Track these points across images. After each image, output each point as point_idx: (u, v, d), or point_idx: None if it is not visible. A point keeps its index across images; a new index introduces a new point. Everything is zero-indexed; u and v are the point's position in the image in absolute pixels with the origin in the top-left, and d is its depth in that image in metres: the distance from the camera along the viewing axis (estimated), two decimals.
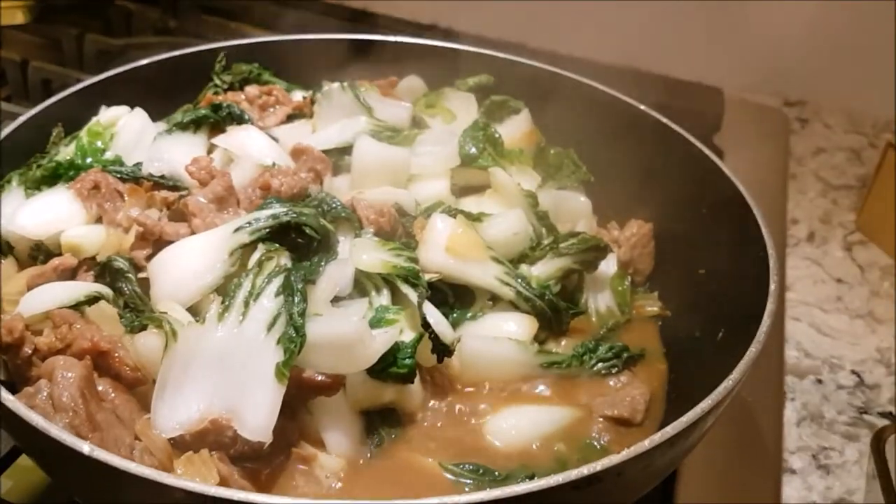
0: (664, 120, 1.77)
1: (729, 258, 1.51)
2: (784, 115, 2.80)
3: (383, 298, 1.38)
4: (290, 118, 1.77)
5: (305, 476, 1.23)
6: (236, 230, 1.33)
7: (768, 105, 2.79)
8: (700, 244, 1.61)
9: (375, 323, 1.33)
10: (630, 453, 0.99)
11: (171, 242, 1.38)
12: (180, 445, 1.18)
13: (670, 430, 1.03)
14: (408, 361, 1.28)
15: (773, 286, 1.28)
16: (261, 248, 1.32)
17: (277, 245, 1.32)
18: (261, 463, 1.21)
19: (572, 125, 1.89)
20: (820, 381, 1.92)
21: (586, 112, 1.88)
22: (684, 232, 1.67)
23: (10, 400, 1.01)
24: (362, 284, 1.39)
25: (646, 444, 1.01)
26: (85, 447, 0.94)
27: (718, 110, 2.52)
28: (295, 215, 1.34)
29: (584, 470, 0.96)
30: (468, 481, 1.26)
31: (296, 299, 1.23)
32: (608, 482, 0.98)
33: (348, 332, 1.21)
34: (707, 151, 1.66)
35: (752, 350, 1.17)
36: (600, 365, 1.46)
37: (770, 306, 1.24)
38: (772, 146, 2.61)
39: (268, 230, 1.33)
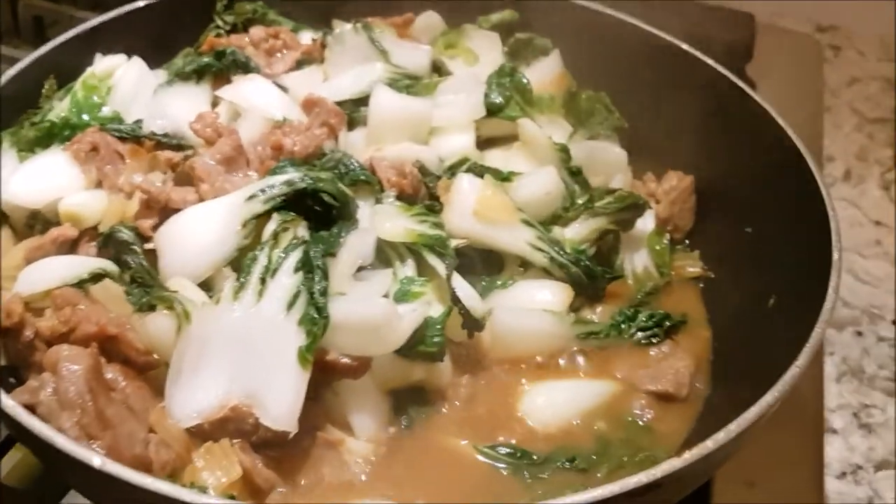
0: (706, 59, 1.63)
1: (780, 216, 1.40)
2: (817, 42, 2.63)
3: (408, 269, 1.28)
4: (299, 64, 1.63)
5: (332, 462, 1.16)
6: (249, 198, 1.23)
7: (800, 31, 2.62)
8: (746, 199, 1.49)
9: (401, 296, 1.24)
10: (693, 456, 0.91)
11: (177, 210, 1.28)
12: (199, 434, 1.10)
13: (735, 427, 0.95)
14: (437, 339, 1.19)
15: (835, 255, 1.17)
16: (276, 218, 1.21)
17: (293, 214, 1.22)
18: (285, 450, 1.13)
19: (602, 64, 1.75)
20: (860, 334, 1.83)
21: (616, 49, 1.74)
22: (728, 184, 1.55)
23: (11, 406, 0.93)
24: (385, 254, 1.29)
25: (709, 444, 0.93)
26: (95, 460, 0.86)
27: (750, 37, 2.36)
28: (311, 181, 1.23)
29: (643, 478, 0.88)
30: (504, 465, 1.18)
31: (316, 277, 1.14)
32: (667, 487, 0.90)
33: (375, 314, 1.12)
34: (755, 96, 1.53)
35: (817, 331, 1.07)
36: (640, 334, 1.36)
37: (833, 280, 1.13)
38: (805, 76, 2.46)
39: (283, 198, 1.22)
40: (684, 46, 1.65)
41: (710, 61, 1.60)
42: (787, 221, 1.37)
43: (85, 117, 1.45)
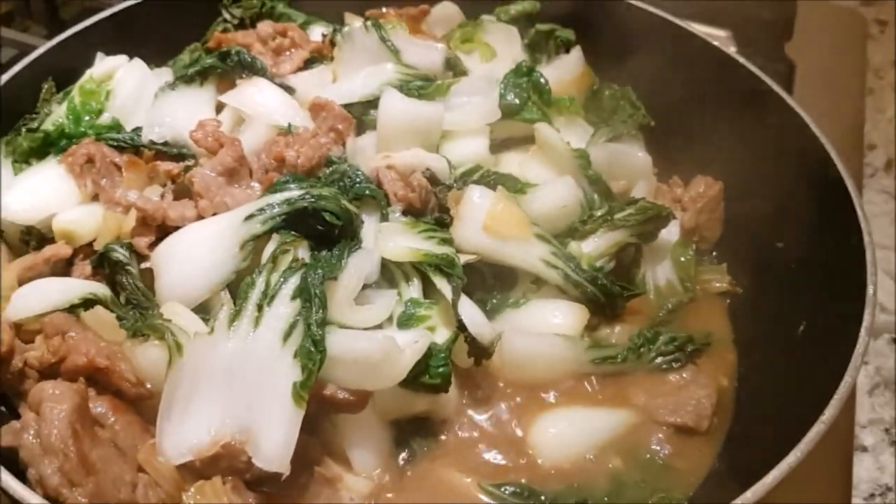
0: (740, 59, 1.52)
1: (814, 236, 1.30)
2: (861, 16, 2.48)
3: (413, 290, 1.22)
4: (307, 63, 1.56)
5: (330, 500, 1.11)
6: (247, 218, 1.17)
7: (844, 4, 2.47)
8: (779, 212, 1.39)
9: (405, 320, 1.18)
10: None
11: (176, 227, 1.23)
12: (190, 472, 1.06)
13: (751, 495, 0.88)
14: (441, 370, 1.13)
15: (870, 290, 1.08)
16: (275, 239, 1.16)
17: (294, 234, 1.16)
18: (280, 487, 1.09)
19: (627, 59, 1.65)
20: None
21: (643, 43, 1.64)
22: (760, 194, 1.45)
23: None
24: (390, 272, 1.23)
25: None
26: None
27: (790, 14, 2.23)
28: (313, 199, 1.17)
29: None
30: None
31: (314, 306, 1.08)
32: None
33: (374, 350, 1.07)
34: (793, 104, 1.42)
35: (847, 380, 0.98)
36: (660, 359, 1.29)
37: (867, 318, 1.04)
38: (848, 55, 2.33)
39: (283, 217, 1.17)
40: (716, 44, 1.54)
41: (744, 61, 1.50)
42: (822, 244, 1.27)
43: (82, 126, 1.40)
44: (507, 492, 1.13)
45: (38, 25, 2.36)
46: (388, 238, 1.23)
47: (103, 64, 1.49)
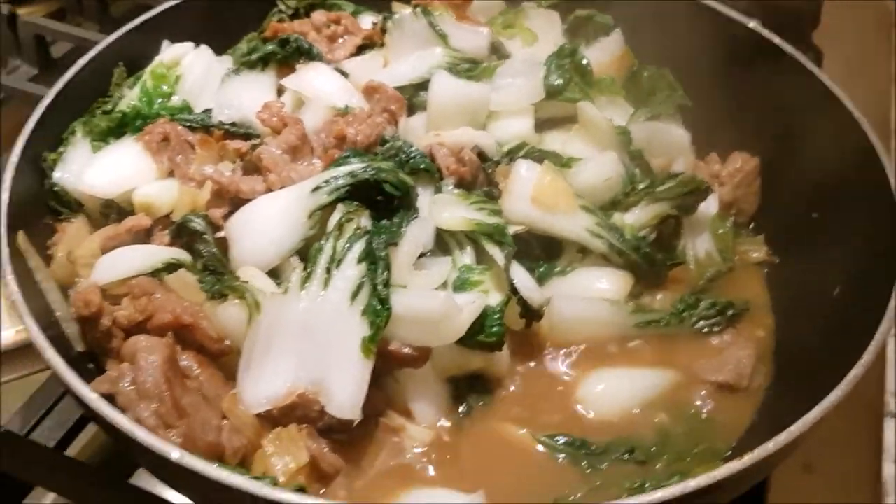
0: (773, 38, 1.58)
1: (848, 205, 1.36)
2: (888, 3, 2.51)
3: (466, 257, 1.30)
4: (360, 49, 1.65)
5: (394, 448, 1.20)
6: (314, 190, 1.25)
7: None
8: (814, 183, 1.45)
9: (459, 285, 1.26)
10: (753, 458, 0.91)
11: (247, 200, 1.32)
12: (268, 420, 1.15)
13: (796, 429, 0.95)
14: (496, 329, 1.21)
15: None
16: (340, 209, 1.24)
17: (357, 204, 1.24)
18: (349, 435, 1.17)
19: (664, 41, 1.71)
20: None
21: (679, 25, 1.69)
22: (795, 168, 1.51)
23: (94, 399, 0.98)
24: (445, 241, 1.31)
25: (770, 446, 0.93)
26: (174, 453, 0.91)
27: (817, 1, 2.27)
28: (374, 172, 1.25)
29: (704, 480, 0.89)
30: (562, 455, 1.20)
31: (379, 268, 1.16)
32: (727, 488, 0.91)
33: (435, 307, 1.15)
34: (825, 79, 1.48)
35: (881, 332, 1.05)
36: (702, 323, 1.36)
37: None
38: (875, 42, 2.37)
39: (347, 189, 1.25)
40: (751, 24, 1.60)
41: (777, 40, 1.55)
42: (855, 211, 1.33)
43: (155, 107, 1.49)
44: (559, 442, 1.21)
45: (91, 22, 2.47)
46: (442, 208, 1.31)
47: (171, 50, 1.59)
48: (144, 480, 1.29)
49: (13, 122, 1.91)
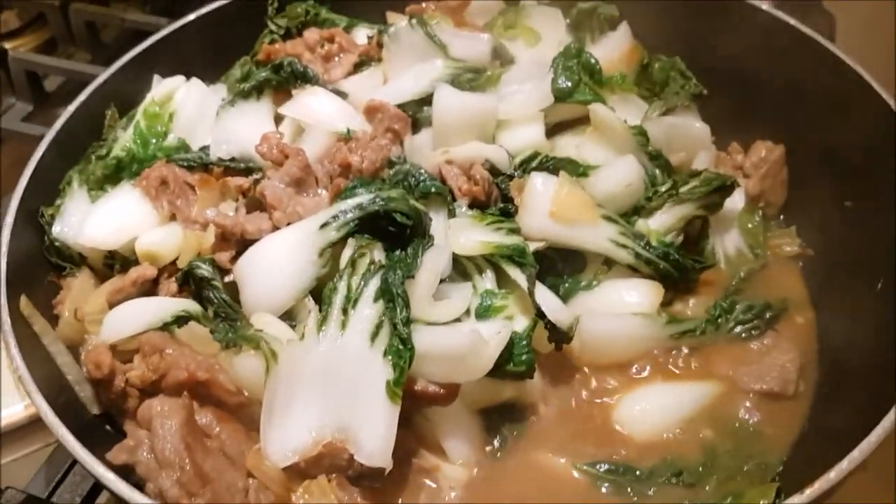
0: (788, 20, 1.50)
1: (882, 191, 1.29)
2: None
3: (487, 282, 1.24)
4: (357, 66, 1.58)
5: (429, 491, 1.15)
6: (323, 226, 1.20)
7: None
8: (843, 170, 1.38)
9: (483, 312, 1.20)
10: (816, 491, 0.85)
11: (254, 240, 1.26)
12: (296, 472, 1.10)
13: (858, 454, 0.88)
14: (525, 357, 1.15)
15: None
16: (351, 244, 1.18)
17: (368, 238, 1.18)
18: (382, 480, 1.12)
19: (674, 26, 1.64)
20: None
21: (689, 9, 1.63)
22: (822, 154, 1.44)
23: (112, 480, 0.93)
24: (462, 266, 1.25)
25: (831, 476, 0.87)
26: None
27: None
28: (383, 202, 1.19)
29: None
30: (606, 484, 1.15)
31: (398, 306, 1.11)
32: None
33: (461, 344, 1.09)
34: (843, 56, 1.40)
35: None
36: (739, 328, 1.29)
37: None
38: (887, 5, 2.28)
39: (356, 222, 1.19)
40: (764, 6, 1.52)
41: (793, 22, 1.48)
42: (890, 197, 1.26)
43: (150, 149, 1.44)
44: (601, 469, 1.15)
45: (82, 51, 2.42)
46: (458, 233, 1.25)
47: (162, 86, 1.53)
48: None
49: (11, 158, 1.88)
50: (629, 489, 1.13)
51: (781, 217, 1.51)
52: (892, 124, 1.31)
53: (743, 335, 1.29)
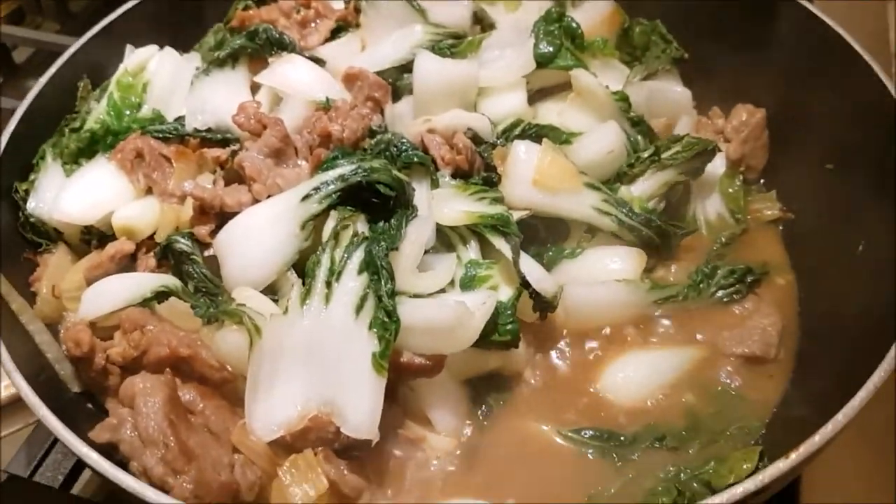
0: None
1: (864, 154, 1.29)
2: None
3: (471, 251, 1.23)
4: (334, 33, 1.55)
5: (416, 461, 1.15)
6: (304, 198, 1.18)
7: None
8: (825, 133, 1.38)
9: (467, 282, 1.20)
10: (800, 456, 0.86)
11: (234, 213, 1.24)
12: (282, 447, 1.09)
13: (842, 418, 0.89)
14: (510, 327, 1.15)
15: None
16: (334, 216, 1.17)
17: (351, 209, 1.17)
18: (369, 451, 1.12)
19: None
20: None
21: None
22: (803, 117, 1.44)
23: (95, 459, 0.92)
24: (446, 236, 1.24)
25: (816, 440, 0.87)
26: None
27: None
28: (366, 173, 1.18)
29: (751, 485, 0.84)
30: (591, 450, 1.16)
31: (382, 278, 1.10)
32: (773, 485, 0.86)
33: (447, 316, 1.08)
34: (821, 14, 1.39)
35: None
36: (721, 293, 1.30)
37: None
38: None
39: (338, 194, 1.17)
40: None
41: None
42: (872, 161, 1.26)
43: (125, 121, 1.41)
44: (586, 436, 1.16)
45: (50, 21, 2.37)
46: (441, 204, 1.24)
47: (135, 56, 1.50)
48: None
49: None
50: (614, 454, 1.14)
51: (762, 181, 1.51)
52: (873, 86, 1.30)
53: (725, 299, 1.30)
